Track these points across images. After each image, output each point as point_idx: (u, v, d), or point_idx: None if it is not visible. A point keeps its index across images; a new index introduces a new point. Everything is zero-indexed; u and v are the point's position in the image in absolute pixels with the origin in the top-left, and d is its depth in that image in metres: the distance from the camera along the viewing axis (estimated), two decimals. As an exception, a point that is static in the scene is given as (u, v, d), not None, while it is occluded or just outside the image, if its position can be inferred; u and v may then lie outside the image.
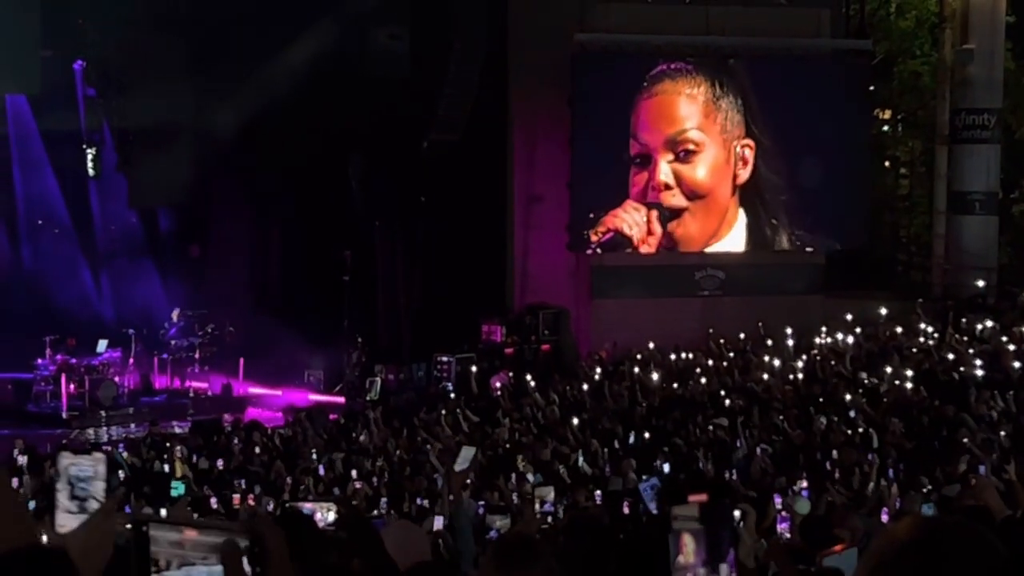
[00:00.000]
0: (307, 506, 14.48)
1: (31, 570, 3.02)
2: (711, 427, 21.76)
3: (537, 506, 15.07)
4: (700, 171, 32.08)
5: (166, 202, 34.56)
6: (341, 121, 31.41)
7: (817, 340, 29.94)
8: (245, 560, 3.61)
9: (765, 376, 26.32)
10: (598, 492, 16.76)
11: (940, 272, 35.37)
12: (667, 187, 31.79)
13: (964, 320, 30.09)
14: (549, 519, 14.43)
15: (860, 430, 20.47)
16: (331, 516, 11.40)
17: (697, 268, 32.93)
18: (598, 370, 28.73)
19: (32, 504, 16.66)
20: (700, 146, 32.03)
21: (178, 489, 17.37)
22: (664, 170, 31.71)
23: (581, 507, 15.79)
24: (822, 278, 33.83)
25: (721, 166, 32.27)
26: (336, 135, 31.71)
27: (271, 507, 16.20)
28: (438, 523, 13.78)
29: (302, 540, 5.99)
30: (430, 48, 31.76)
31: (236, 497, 17.73)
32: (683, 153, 31.91)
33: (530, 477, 18.22)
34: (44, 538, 3.64)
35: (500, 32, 32.14)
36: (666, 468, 18.86)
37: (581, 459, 19.79)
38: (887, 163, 41.77)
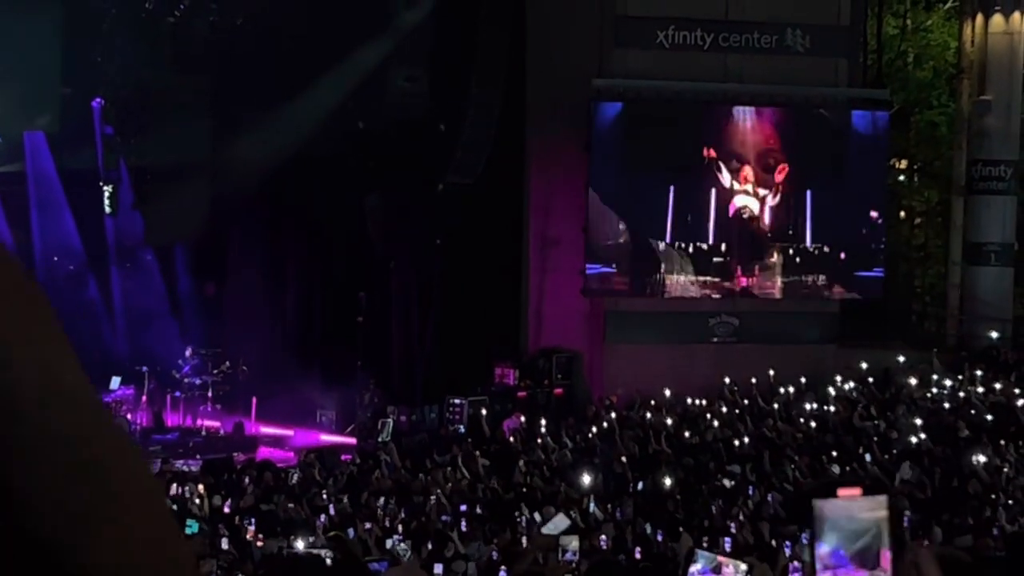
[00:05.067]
0: (303, 548, 14.51)
1: None
2: (720, 475, 21.74)
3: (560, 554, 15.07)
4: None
5: (182, 240, 34.65)
6: (358, 162, 31.51)
7: (830, 389, 29.87)
8: None
9: (778, 424, 26.28)
10: (603, 537, 16.75)
11: (955, 323, 35.33)
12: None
13: (979, 371, 30.02)
14: (573, 567, 14.43)
15: (871, 479, 20.42)
16: (328, 559, 11.38)
17: (711, 315, 32.89)
18: (612, 415, 28.70)
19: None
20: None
21: (192, 527, 17.35)
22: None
23: (600, 553, 15.80)
24: (836, 327, 33.76)
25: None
26: (353, 176, 31.80)
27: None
28: (437, 568, 13.80)
29: None
30: (448, 91, 31.88)
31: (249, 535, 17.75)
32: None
33: (537, 517, 18.22)
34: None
35: (518, 76, 32.24)
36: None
37: (592, 504, 19.77)
38: (903, 213, 41.78)
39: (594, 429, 26.97)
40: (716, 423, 26.94)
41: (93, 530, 1.36)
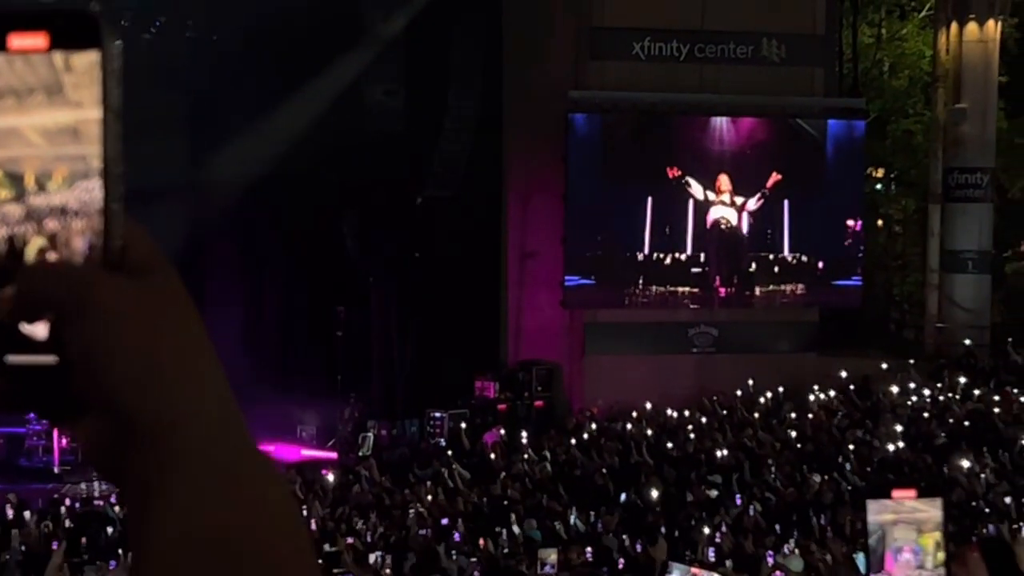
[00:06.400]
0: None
1: None
2: (703, 486, 21.75)
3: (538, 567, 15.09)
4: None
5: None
6: (336, 177, 31.49)
7: (810, 398, 29.90)
8: None
9: (758, 434, 26.29)
10: (589, 549, 16.74)
11: (933, 330, 35.39)
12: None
13: (962, 379, 30.07)
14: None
15: (852, 488, 20.48)
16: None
17: (690, 325, 32.91)
18: (593, 426, 28.67)
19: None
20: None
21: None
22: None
23: (577, 565, 15.79)
24: (815, 336, 33.81)
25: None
26: (331, 191, 31.78)
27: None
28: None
29: None
30: (425, 104, 31.88)
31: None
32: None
33: (517, 530, 18.22)
34: None
35: (495, 89, 32.27)
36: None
37: (573, 517, 19.76)
38: (880, 221, 41.86)
39: (574, 441, 26.95)
40: (695, 434, 26.92)
41: None
